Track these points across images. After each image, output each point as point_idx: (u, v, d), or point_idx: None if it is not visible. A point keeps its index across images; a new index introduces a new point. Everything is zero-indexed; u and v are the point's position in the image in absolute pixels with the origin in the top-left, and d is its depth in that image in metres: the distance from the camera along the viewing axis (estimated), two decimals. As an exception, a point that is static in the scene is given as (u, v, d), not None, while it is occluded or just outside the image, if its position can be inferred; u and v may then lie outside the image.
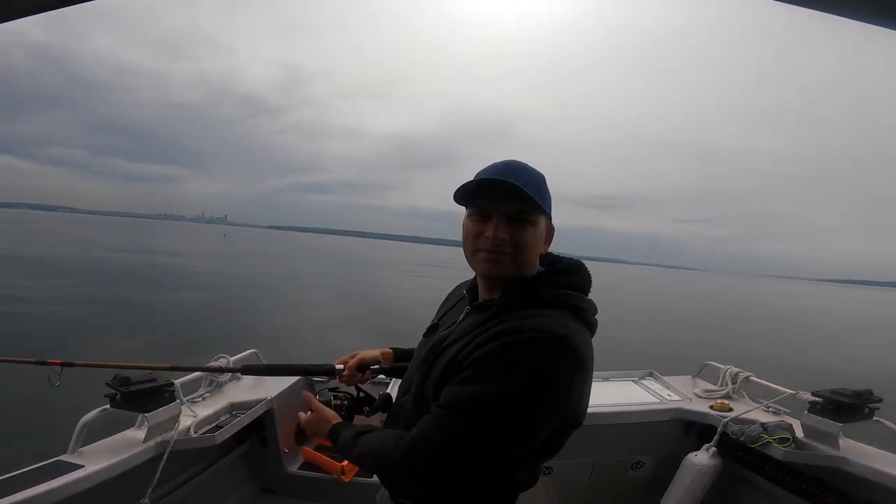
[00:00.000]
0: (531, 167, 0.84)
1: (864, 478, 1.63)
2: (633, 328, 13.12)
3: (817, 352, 12.42)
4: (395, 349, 1.23)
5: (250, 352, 2.42)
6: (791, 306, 37.24)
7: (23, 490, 1.26)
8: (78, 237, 44.51)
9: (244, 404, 2.04)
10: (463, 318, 0.89)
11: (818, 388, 1.86)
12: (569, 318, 0.77)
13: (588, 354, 0.75)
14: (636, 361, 2.47)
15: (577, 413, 0.79)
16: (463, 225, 0.86)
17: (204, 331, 9.40)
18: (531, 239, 0.81)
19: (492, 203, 0.80)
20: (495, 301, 0.83)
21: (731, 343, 12.35)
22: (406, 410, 0.86)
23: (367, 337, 10.11)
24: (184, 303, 12.82)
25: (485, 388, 0.70)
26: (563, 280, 0.84)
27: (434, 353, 0.84)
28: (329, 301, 15.75)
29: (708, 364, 2.49)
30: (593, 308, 0.85)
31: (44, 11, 0.62)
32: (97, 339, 8.18)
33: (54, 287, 12.98)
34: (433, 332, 0.97)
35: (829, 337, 17.01)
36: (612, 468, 2.19)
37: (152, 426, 1.62)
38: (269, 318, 11.80)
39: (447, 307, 1.03)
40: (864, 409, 1.74)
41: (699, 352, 9.84)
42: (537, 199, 0.78)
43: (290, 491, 2.27)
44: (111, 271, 19.13)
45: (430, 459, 0.71)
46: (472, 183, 0.81)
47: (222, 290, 15.78)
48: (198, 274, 20.65)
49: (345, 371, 1.16)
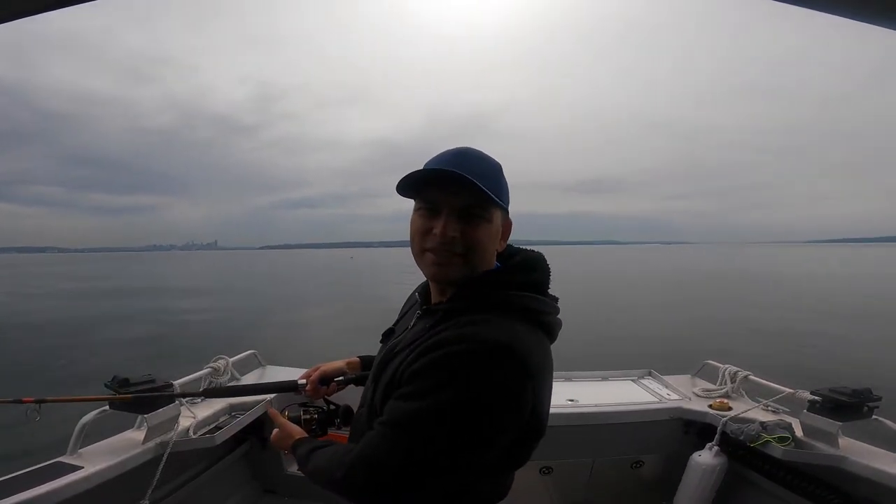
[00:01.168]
0: (486, 155, 0.76)
1: (864, 476, 1.63)
2: (635, 324, 13.15)
3: (815, 324, 12.48)
4: (362, 357, 1.19)
5: (249, 353, 2.42)
6: (784, 273, 38.21)
7: (23, 491, 1.26)
8: (80, 274, 44.41)
9: (243, 405, 2.04)
10: (413, 323, 0.83)
11: (817, 383, 1.86)
12: (516, 322, 0.70)
13: (538, 360, 0.69)
14: (635, 361, 2.47)
15: (537, 422, 0.73)
16: (410, 221, 0.78)
17: (207, 338, 9.45)
18: (485, 237, 0.73)
19: (440, 196, 0.72)
20: (442, 305, 0.77)
21: (727, 327, 12.34)
22: (362, 423, 0.82)
23: (366, 343, 10.11)
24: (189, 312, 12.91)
25: (421, 404, 0.65)
26: (515, 279, 0.76)
27: (383, 362, 0.80)
28: (328, 310, 15.78)
29: (707, 363, 2.49)
30: (551, 308, 0.78)
31: (42, 12, 0.62)
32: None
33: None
34: (388, 337, 0.91)
35: (824, 299, 17.13)
36: (611, 468, 2.19)
37: (151, 427, 1.62)
38: (272, 328, 11.85)
39: (403, 310, 0.97)
40: (863, 408, 1.74)
41: (694, 341, 9.87)
42: (491, 192, 0.70)
43: (290, 491, 2.27)
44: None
45: (371, 477, 0.68)
46: (418, 173, 0.72)
47: (232, 308, 15.93)
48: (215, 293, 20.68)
49: (307, 386, 1.13)
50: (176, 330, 10.27)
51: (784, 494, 1.89)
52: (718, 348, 8.61)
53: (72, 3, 0.61)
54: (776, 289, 24.07)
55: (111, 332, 9.70)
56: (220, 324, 11.87)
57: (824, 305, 16.43)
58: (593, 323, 11.59)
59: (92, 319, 11.22)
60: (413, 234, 0.76)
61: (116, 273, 42.05)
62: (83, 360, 7.62)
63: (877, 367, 7.89)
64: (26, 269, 57.59)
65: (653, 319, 13.89)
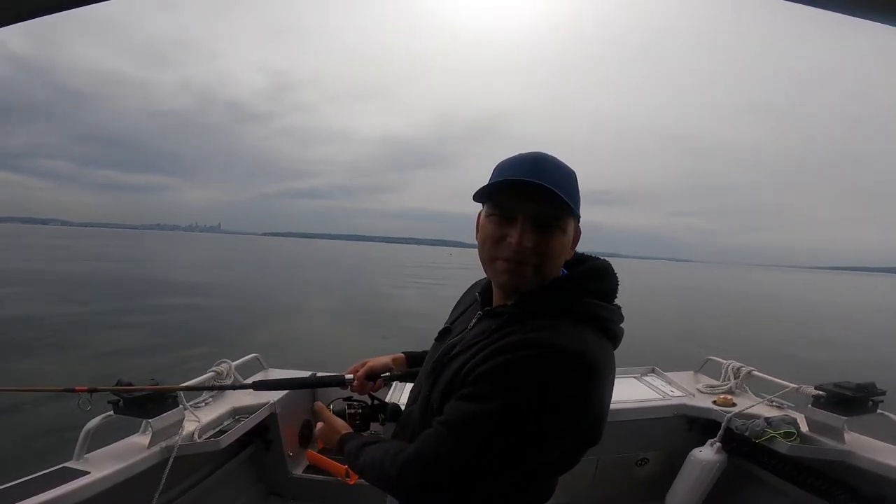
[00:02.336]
0: (562, 163, 0.73)
1: (870, 471, 1.62)
2: (636, 323, 13.17)
3: (817, 340, 12.44)
4: (407, 354, 1.20)
5: (252, 356, 2.42)
6: (786, 295, 38.05)
7: (29, 497, 1.26)
8: (89, 251, 44.29)
9: (247, 408, 2.04)
10: (474, 323, 0.82)
11: (820, 380, 1.85)
12: (587, 331, 0.69)
13: (606, 368, 0.68)
14: (638, 359, 2.46)
15: (598, 428, 0.72)
16: (480, 226, 0.76)
17: (207, 336, 9.43)
18: (558, 247, 0.71)
19: (517, 203, 0.70)
20: (508, 308, 0.75)
21: (730, 334, 12.36)
22: (414, 420, 0.82)
23: (371, 340, 10.11)
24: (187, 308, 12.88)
25: (484, 408, 0.65)
26: (584, 286, 0.74)
27: (442, 361, 0.79)
28: (331, 306, 15.77)
29: (710, 359, 2.49)
30: (618, 317, 0.76)
31: (42, 15, 0.62)
32: (101, 347, 8.21)
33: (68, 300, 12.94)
34: (445, 336, 0.90)
35: (827, 325, 17.06)
36: (616, 465, 2.18)
37: (156, 432, 1.62)
38: (272, 323, 11.82)
39: (460, 310, 0.96)
40: (867, 403, 1.74)
41: (700, 344, 9.85)
42: (570, 201, 0.69)
43: (295, 494, 2.27)
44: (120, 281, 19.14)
45: (426, 476, 0.68)
46: (501, 182, 0.70)
47: (227, 297, 15.86)
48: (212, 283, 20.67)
49: (354, 381, 1.14)
50: (176, 329, 10.19)
51: (790, 490, 1.89)
52: (721, 345, 8.62)
53: (69, 6, 0.61)
54: (784, 308, 23.83)
55: (106, 333, 9.65)
56: (222, 322, 11.81)
57: (833, 328, 16.34)
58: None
59: (74, 316, 11.00)
60: (484, 239, 0.74)
61: (116, 254, 41.31)
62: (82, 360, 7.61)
63: (881, 362, 7.88)
64: (26, 241, 56.66)
65: (656, 317, 13.89)
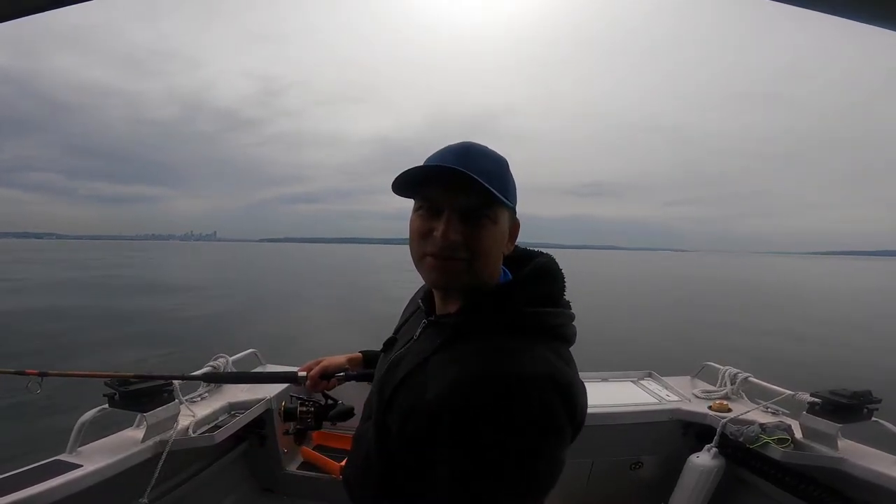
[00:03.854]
0: (491, 150, 0.67)
1: (862, 479, 1.62)
2: (636, 324, 13.17)
3: (816, 333, 12.46)
4: (364, 353, 1.15)
5: (249, 351, 2.42)
6: (787, 281, 38.56)
7: (21, 489, 1.26)
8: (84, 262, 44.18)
9: (243, 404, 2.04)
10: (419, 334, 0.73)
11: (819, 379, 1.85)
12: (545, 348, 0.63)
13: (573, 380, 0.63)
14: (635, 360, 2.47)
15: (578, 431, 0.68)
16: (410, 221, 0.68)
17: (208, 334, 9.45)
18: (490, 240, 0.64)
19: (442, 195, 0.63)
20: (452, 319, 0.68)
21: (730, 330, 12.34)
22: (368, 441, 0.73)
23: (366, 339, 10.11)
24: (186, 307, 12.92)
25: (478, 468, 0.56)
26: (529, 292, 0.67)
27: (390, 380, 0.70)
28: (329, 306, 15.79)
29: (707, 365, 2.49)
30: (569, 318, 0.70)
31: (41, 11, 0.62)
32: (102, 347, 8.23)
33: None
34: (390, 347, 0.82)
35: (825, 315, 17.13)
36: (611, 468, 2.19)
37: (151, 426, 1.62)
38: (270, 322, 11.85)
39: (405, 317, 0.87)
40: (862, 410, 1.74)
41: (699, 343, 9.86)
42: (498, 191, 0.62)
43: (288, 490, 2.27)
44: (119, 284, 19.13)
45: None
46: (417, 170, 0.63)
47: (229, 298, 15.91)
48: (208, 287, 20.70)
49: (307, 379, 1.10)
50: (175, 328, 10.26)
51: (782, 497, 1.88)
52: (718, 350, 8.63)
53: (67, 3, 0.61)
54: (778, 297, 24.08)
55: (104, 332, 9.70)
56: (221, 319, 11.87)
57: (827, 314, 16.41)
58: (594, 324, 11.58)
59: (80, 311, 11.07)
60: (412, 236, 0.67)
61: (114, 265, 41.49)
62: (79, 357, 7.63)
63: (877, 370, 7.89)
64: (19, 256, 56.82)
65: (653, 321, 13.90)
